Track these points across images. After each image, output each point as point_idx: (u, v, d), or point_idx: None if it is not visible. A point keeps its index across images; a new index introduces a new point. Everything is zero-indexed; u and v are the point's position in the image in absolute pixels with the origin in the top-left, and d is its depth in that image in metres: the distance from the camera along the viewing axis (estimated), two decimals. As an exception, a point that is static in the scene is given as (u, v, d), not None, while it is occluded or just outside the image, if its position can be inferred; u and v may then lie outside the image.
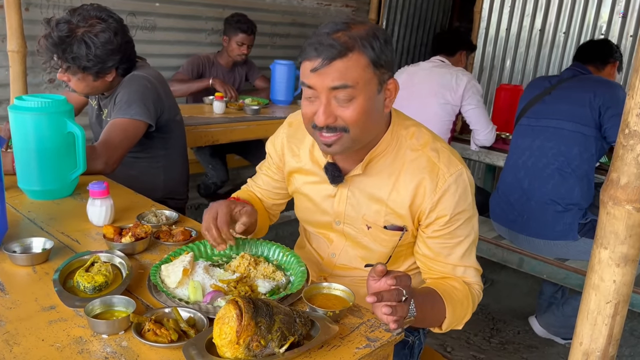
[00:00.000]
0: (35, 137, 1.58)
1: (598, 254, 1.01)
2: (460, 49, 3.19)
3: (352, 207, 1.35)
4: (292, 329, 0.95)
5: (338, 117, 1.16)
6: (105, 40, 1.89)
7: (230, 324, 0.90)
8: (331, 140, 1.19)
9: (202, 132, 2.86)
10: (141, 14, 3.64)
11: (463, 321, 1.27)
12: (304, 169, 1.43)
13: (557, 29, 4.13)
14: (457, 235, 1.28)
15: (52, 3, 3.21)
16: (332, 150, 1.22)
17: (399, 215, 1.30)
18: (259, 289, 1.15)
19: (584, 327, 1.05)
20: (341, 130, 1.17)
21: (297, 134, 1.44)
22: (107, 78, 1.98)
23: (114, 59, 1.94)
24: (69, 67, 1.89)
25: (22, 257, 1.23)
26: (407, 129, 1.31)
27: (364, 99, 1.16)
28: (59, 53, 1.86)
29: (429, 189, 1.25)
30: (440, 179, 1.24)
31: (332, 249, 1.46)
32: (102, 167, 1.84)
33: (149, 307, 1.11)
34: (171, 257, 1.25)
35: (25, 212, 1.55)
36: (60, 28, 1.85)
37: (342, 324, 1.07)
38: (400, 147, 1.29)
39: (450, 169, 1.25)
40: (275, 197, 1.59)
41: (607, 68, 2.56)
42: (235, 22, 3.69)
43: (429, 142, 1.29)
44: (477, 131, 3.02)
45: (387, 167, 1.29)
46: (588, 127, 2.30)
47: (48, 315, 1.04)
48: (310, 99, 1.18)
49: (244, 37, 3.69)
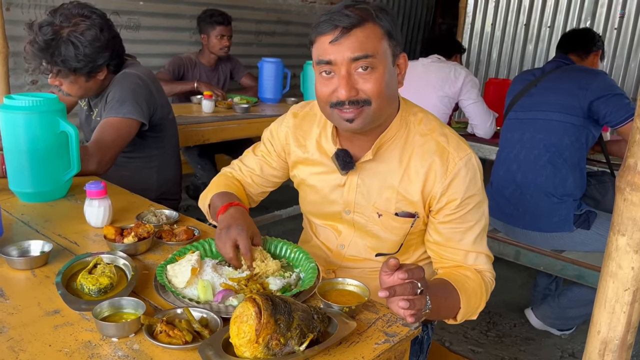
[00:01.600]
0: (27, 138, 1.52)
1: (615, 241, 0.99)
2: (456, 53, 3.26)
3: (362, 195, 1.33)
4: (310, 326, 0.92)
5: (359, 90, 1.15)
6: (92, 38, 1.83)
7: (249, 323, 0.87)
8: (353, 115, 1.17)
9: (193, 132, 2.81)
10: (125, 12, 3.58)
11: (478, 311, 1.25)
12: (311, 159, 1.40)
13: (542, 23, 4.16)
14: (468, 219, 1.26)
15: (33, 3, 3.14)
16: (353, 126, 1.19)
17: (411, 201, 1.29)
18: (270, 286, 1.12)
19: (602, 315, 1.04)
20: (363, 104, 1.16)
21: (302, 125, 1.42)
22: (99, 77, 1.92)
23: (104, 56, 1.88)
24: (60, 70, 1.82)
25: (21, 261, 1.18)
26: (415, 115, 1.31)
27: (383, 70, 1.16)
28: (47, 57, 1.80)
29: (440, 173, 1.24)
30: (450, 162, 1.24)
31: (340, 241, 1.43)
32: (94, 167, 1.79)
33: (157, 308, 1.07)
34: (176, 257, 1.21)
35: (18, 215, 1.50)
36: (44, 31, 1.78)
37: (359, 320, 1.04)
38: (409, 133, 1.28)
39: (460, 153, 1.25)
40: (266, 185, 1.54)
41: (590, 57, 2.57)
42: (210, 17, 3.64)
43: (437, 128, 1.29)
44: (477, 126, 3.05)
45: (397, 152, 1.28)
46: (577, 116, 2.30)
47: (53, 320, 1.00)
48: (327, 77, 1.17)
49: (222, 29, 3.64)
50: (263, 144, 1.51)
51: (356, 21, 1.13)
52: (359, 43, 1.13)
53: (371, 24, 1.15)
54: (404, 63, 1.25)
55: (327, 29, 1.14)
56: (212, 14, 3.65)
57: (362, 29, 1.13)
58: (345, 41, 1.13)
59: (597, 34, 2.70)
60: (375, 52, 1.14)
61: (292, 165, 1.46)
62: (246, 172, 1.53)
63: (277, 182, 1.54)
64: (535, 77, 2.50)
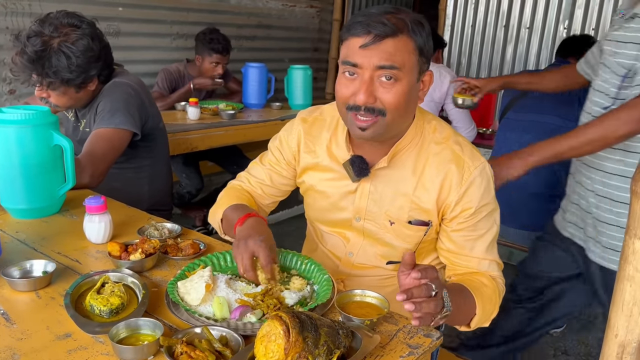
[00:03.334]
0: (19, 152, 1.47)
1: (632, 245, 1.00)
2: (437, 48, 3.24)
3: (374, 203, 1.32)
4: (337, 342, 0.91)
5: (378, 98, 1.15)
6: (84, 48, 1.78)
7: (278, 342, 0.84)
8: (367, 125, 1.17)
9: (180, 139, 2.76)
10: (104, 19, 3.49)
11: (491, 317, 1.24)
12: (321, 165, 1.38)
13: (521, 24, 4.22)
14: (480, 227, 1.27)
15: (9, 10, 3.05)
16: (365, 135, 1.19)
17: (424, 210, 1.28)
18: (286, 300, 1.10)
19: (619, 319, 1.04)
20: (378, 114, 1.16)
21: (312, 130, 1.40)
22: (89, 87, 1.87)
23: (96, 66, 1.83)
24: (51, 82, 1.76)
25: (24, 282, 1.14)
26: (429, 122, 1.31)
27: (406, 84, 1.15)
28: (38, 69, 1.73)
29: (455, 182, 1.24)
30: (466, 171, 1.24)
31: (349, 248, 1.41)
32: (87, 180, 1.73)
33: (172, 327, 1.04)
34: (186, 273, 1.18)
35: (12, 233, 1.44)
36: (33, 42, 1.71)
37: (379, 332, 1.03)
38: (424, 141, 1.28)
39: (475, 162, 1.25)
40: (277, 194, 1.51)
41: None
42: (208, 42, 3.46)
43: (451, 136, 1.29)
44: (459, 129, 3.07)
45: (412, 160, 1.28)
46: (573, 122, 2.33)
47: (65, 344, 0.96)
48: (350, 78, 1.17)
49: (219, 58, 3.50)
50: (271, 153, 1.48)
51: (390, 31, 1.11)
52: (388, 53, 1.12)
53: (405, 37, 1.13)
54: (429, 80, 1.24)
55: (360, 32, 1.13)
56: (212, 39, 3.46)
57: (395, 40, 1.12)
58: (376, 48, 1.12)
59: (594, 39, 2.74)
60: (402, 65, 1.13)
61: (300, 171, 1.43)
62: (255, 184, 1.50)
63: (287, 191, 1.52)
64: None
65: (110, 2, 3.51)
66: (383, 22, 1.11)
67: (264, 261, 1.13)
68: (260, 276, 1.14)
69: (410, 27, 1.14)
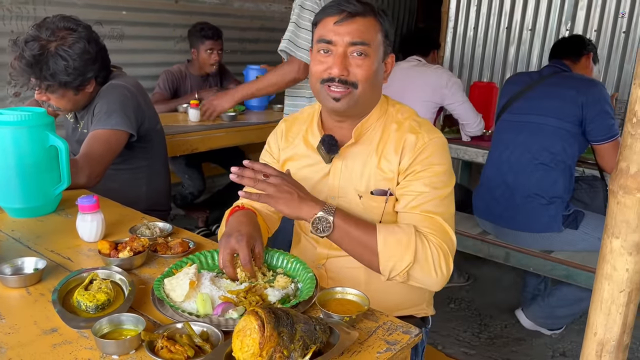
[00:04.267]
0: (15, 152, 1.50)
1: (610, 244, 1.01)
2: (432, 48, 3.27)
3: (345, 179, 1.40)
4: (313, 337, 0.92)
5: (350, 72, 1.28)
6: (80, 51, 1.82)
7: (253, 336, 0.86)
8: (340, 95, 1.29)
9: (180, 141, 2.79)
10: (108, 22, 3.55)
11: (402, 265, 1.20)
12: (298, 154, 1.48)
13: (524, 26, 4.22)
14: (425, 188, 1.29)
15: (15, 14, 3.11)
16: (338, 105, 1.31)
17: (388, 179, 1.36)
18: (269, 297, 1.12)
19: (598, 317, 1.05)
20: (351, 86, 1.29)
21: (292, 127, 1.53)
22: (87, 90, 1.91)
23: (93, 69, 1.86)
24: (49, 85, 1.80)
25: (15, 279, 1.17)
26: (393, 106, 1.44)
27: (374, 60, 1.30)
28: (36, 73, 1.77)
29: (409, 148, 1.33)
30: (419, 140, 1.33)
31: None
32: (84, 181, 1.77)
33: (156, 323, 1.06)
34: (173, 270, 1.20)
35: (8, 232, 1.48)
36: (31, 47, 1.76)
37: (359, 329, 1.04)
38: (388, 120, 1.40)
39: (430, 134, 1.35)
40: None
41: (582, 60, 2.61)
42: (199, 31, 3.63)
43: (412, 115, 1.41)
44: (468, 124, 3.09)
45: (376, 137, 1.38)
46: (572, 124, 2.34)
47: (51, 339, 0.99)
48: (324, 55, 1.30)
49: (212, 43, 3.64)
50: (263, 159, 1.56)
51: (361, 10, 1.28)
52: (359, 31, 1.27)
53: (373, 18, 1.30)
54: (391, 63, 1.40)
55: (333, 12, 1.29)
56: (202, 28, 3.63)
57: (365, 19, 1.29)
58: (348, 25, 1.27)
59: (587, 39, 2.74)
60: (370, 42, 1.28)
61: (282, 164, 1.52)
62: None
63: None
64: (533, 80, 2.53)
65: (114, 5, 3.57)
66: (353, 3, 1.29)
67: (243, 260, 1.17)
68: (240, 273, 1.17)
69: (377, 11, 1.32)
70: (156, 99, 3.55)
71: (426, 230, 1.25)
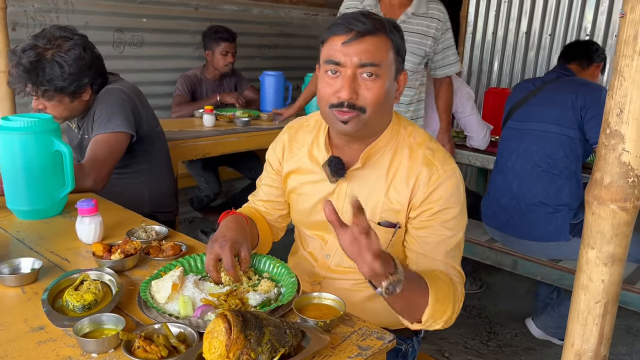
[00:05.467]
0: (23, 157, 1.57)
1: (585, 254, 1.01)
2: None
3: (349, 203, 1.35)
4: (282, 341, 0.95)
5: (360, 95, 1.21)
6: (76, 57, 1.89)
7: (220, 338, 0.89)
8: (348, 117, 1.22)
9: (192, 146, 2.86)
10: (129, 30, 3.65)
11: (443, 318, 1.19)
12: (302, 168, 1.44)
13: (543, 31, 4.17)
14: (443, 230, 1.27)
15: (38, 22, 3.22)
16: (347, 128, 1.25)
17: (395, 211, 1.32)
18: (249, 301, 1.15)
19: (575, 327, 1.05)
20: (359, 110, 1.22)
21: (297, 136, 1.48)
22: (83, 97, 1.98)
23: (88, 75, 1.94)
24: (46, 91, 1.87)
25: (11, 278, 1.22)
26: (405, 128, 1.36)
27: (386, 80, 1.23)
28: (32, 79, 1.85)
29: (423, 183, 1.28)
30: (434, 174, 1.28)
31: (326, 250, 1.46)
32: (91, 184, 1.84)
33: (140, 324, 1.10)
34: (162, 273, 1.24)
35: (14, 233, 1.54)
36: (28, 54, 1.84)
37: (334, 334, 1.06)
38: (399, 145, 1.33)
39: (445, 166, 1.29)
40: (279, 207, 1.56)
41: (591, 68, 2.57)
42: (214, 33, 3.69)
43: (425, 141, 1.34)
44: (473, 137, 3.08)
45: (386, 163, 1.32)
46: (572, 129, 2.31)
47: (37, 336, 1.04)
48: (332, 76, 1.23)
49: (227, 46, 3.70)
50: (265, 169, 1.56)
51: (371, 28, 1.20)
52: (369, 51, 1.20)
53: (383, 35, 1.22)
54: (404, 80, 1.32)
55: (341, 31, 1.21)
56: (216, 30, 3.70)
57: (374, 37, 1.20)
58: (357, 45, 1.19)
59: (601, 47, 2.70)
60: (381, 62, 1.21)
61: (285, 176, 1.49)
62: (259, 203, 1.58)
63: (285, 202, 1.56)
64: (535, 86, 2.51)
65: (135, 13, 3.66)
66: (362, 21, 1.20)
67: (226, 265, 1.20)
68: (224, 277, 1.21)
69: (388, 27, 1.23)
70: (178, 102, 3.63)
71: (455, 280, 1.26)
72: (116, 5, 3.55)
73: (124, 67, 3.62)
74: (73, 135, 2.19)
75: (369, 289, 1.40)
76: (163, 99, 3.86)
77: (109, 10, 3.52)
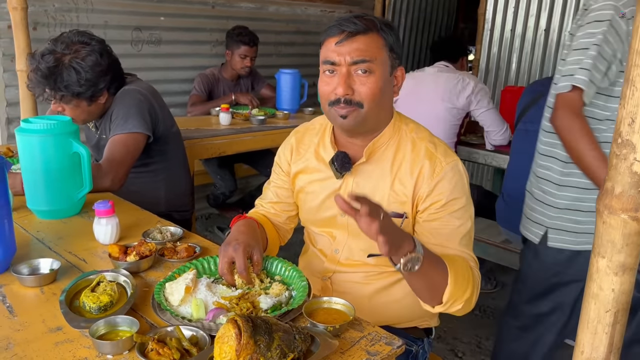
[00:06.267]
0: (42, 158, 1.61)
1: (596, 263, 1.01)
2: (461, 55, 3.24)
3: None
4: (291, 346, 0.97)
5: (355, 91, 1.28)
6: (93, 63, 1.93)
7: (230, 343, 0.91)
8: (346, 112, 1.29)
9: (209, 145, 2.89)
10: (146, 28, 3.69)
11: (464, 298, 1.23)
12: (310, 167, 1.50)
13: (563, 28, 4.11)
14: (452, 221, 1.32)
15: (58, 22, 3.27)
16: (346, 123, 1.31)
17: (401, 202, 1.36)
18: (260, 305, 1.17)
19: (585, 335, 1.05)
20: (356, 105, 1.29)
21: (303, 138, 1.55)
22: (100, 100, 2.01)
23: (105, 80, 1.97)
24: (63, 96, 1.91)
25: (30, 279, 1.26)
26: (407, 124, 1.42)
27: (379, 76, 1.29)
28: (50, 84, 1.89)
29: (427, 176, 1.33)
30: (437, 166, 1.33)
31: (335, 245, 1.49)
32: (109, 184, 1.87)
33: (154, 325, 1.13)
34: (175, 275, 1.27)
35: (34, 232, 1.58)
36: (47, 59, 1.88)
37: (343, 339, 1.08)
38: (402, 140, 1.39)
39: (447, 158, 1.35)
40: (287, 209, 1.61)
41: None
42: (237, 35, 3.71)
43: (426, 136, 1.40)
44: (493, 132, 3.05)
45: (390, 157, 1.38)
46: None
47: (55, 337, 1.07)
48: (329, 75, 1.30)
49: (247, 50, 3.72)
50: (274, 172, 1.61)
51: (362, 29, 1.27)
52: (360, 50, 1.27)
53: (375, 34, 1.29)
54: (401, 76, 1.38)
55: (334, 33, 1.29)
56: (240, 32, 3.72)
57: (366, 36, 1.28)
58: (349, 45, 1.27)
59: None
60: (373, 58, 1.27)
61: (293, 176, 1.55)
62: (267, 205, 1.62)
63: (295, 203, 1.60)
64: (544, 87, 2.48)
65: (153, 12, 3.70)
66: (354, 22, 1.28)
67: (239, 268, 1.22)
68: (237, 280, 1.23)
69: (379, 26, 1.30)
70: (194, 101, 3.67)
71: (471, 265, 1.31)
72: (135, 4, 3.60)
73: (142, 65, 3.67)
74: (91, 135, 2.24)
75: (379, 281, 1.46)
76: (180, 97, 3.91)
77: (127, 9, 3.57)
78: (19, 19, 2.79)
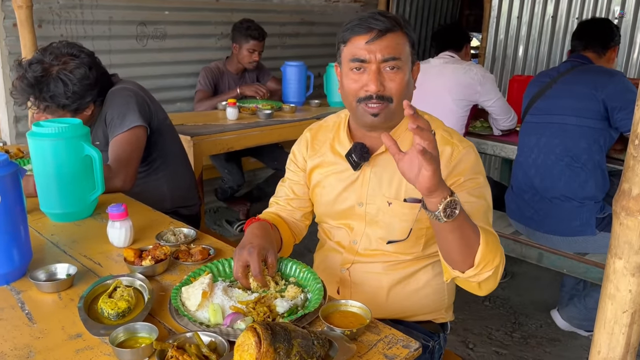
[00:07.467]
0: (54, 162, 1.61)
1: (613, 264, 1.01)
2: (465, 43, 3.20)
3: (374, 187, 1.44)
4: (310, 352, 0.97)
5: (386, 87, 1.33)
6: (81, 76, 1.91)
7: (250, 351, 0.92)
8: (378, 110, 1.34)
9: (217, 140, 2.89)
10: (151, 23, 3.67)
11: (494, 264, 1.20)
12: (326, 162, 1.53)
13: (570, 14, 4.07)
14: (472, 199, 1.33)
15: (63, 19, 3.26)
16: (377, 120, 1.36)
17: None
18: (277, 308, 1.17)
19: (602, 335, 1.06)
20: (387, 101, 1.34)
21: (318, 135, 1.58)
22: (85, 113, 2.00)
23: (92, 94, 1.96)
24: (48, 106, 1.90)
25: (48, 285, 1.27)
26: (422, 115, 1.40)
27: (406, 72, 1.35)
28: (35, 93, 1.88)
29: (445, 160, 1.37)
30: (454, 150, 1.38)
31: (352, 237, 1.51)
32: (120, 184, 1.88)
33: (172, 331, 1.14)
34: (191, 278, 1.27)
35: (48, 236, 1.59)
36: (34, 69, 1.87)
37: (360, 342, 1.09)
38: None
39: (463, 143, 1.40)
40: (303, 205, 1.61)
41: (607, 54, 2.49)
42: (245, 29, 3.67)
43: (441, 125, 1.46)
44: (501, 119, 3.04)
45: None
46: (594, 119, 2.27)
47: (75, 344, 1.08)
48: (357, 73, 1.34)
49: (255, 44, 3.69)
50: (288, 169, 1.62)
51: (390, 26, 1.31)
52: (390, 47, 1.31)
53: (400, 32, 1.34)
54: (417, 70, 1.44)
55: (363, 31, 1.31)
56: (249, 26, 3.69)
57: (394, 34, 1.32)
58: (380, 42, 1.30)
59: (616, 26, 2.60)
60: (401, 55, 1.33)
61: (309, 172, 1.57)
62: (283, 202, 1.62)
63: (309, 199, 1.62)
64: (551, 78, 2.46)
65: (157, 6, 3.68)
66: (381, 19, 1.31)
67: (254, 271, 1.23)
68: (252, 283, 1.23)
69: (403, 23, 1.34)
70: (200, 97, 3.67)
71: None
72: (139, -2, 3.58)
73: (148, 60, 3.67)
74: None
75: (398, 272, 1.48)
76: (187, 91, 3.90)
77: (132, 4, 3.55)
78: (24, 17, 2.79)
